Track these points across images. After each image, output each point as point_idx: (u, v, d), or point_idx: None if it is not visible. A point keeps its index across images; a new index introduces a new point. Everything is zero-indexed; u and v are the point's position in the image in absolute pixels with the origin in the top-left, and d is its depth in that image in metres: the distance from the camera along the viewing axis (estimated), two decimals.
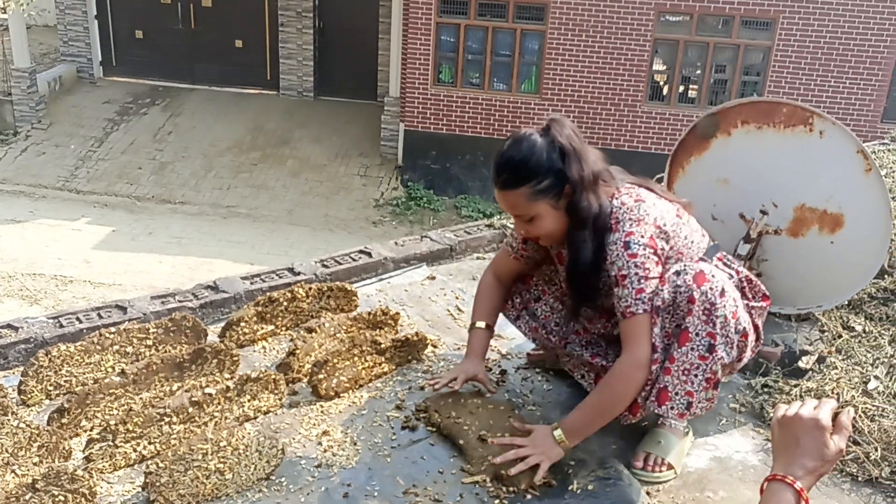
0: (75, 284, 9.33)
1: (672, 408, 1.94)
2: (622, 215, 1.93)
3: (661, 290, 1.91)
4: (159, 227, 11.47)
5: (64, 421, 2.01)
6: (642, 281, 1.89)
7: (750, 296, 2.10)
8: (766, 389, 2.40)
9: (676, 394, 1.93)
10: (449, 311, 2.83)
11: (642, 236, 1.90)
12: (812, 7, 11.78)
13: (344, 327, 2.49)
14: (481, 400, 2.18)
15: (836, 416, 1.44)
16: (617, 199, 1.97)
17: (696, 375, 1.91)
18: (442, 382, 2.20)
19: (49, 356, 2.18)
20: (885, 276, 2.80)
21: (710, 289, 1.87)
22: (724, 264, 2.10)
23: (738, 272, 2.11)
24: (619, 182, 2.02)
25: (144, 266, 10.10)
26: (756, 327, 2.07)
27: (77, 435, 2.02)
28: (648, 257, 1.90)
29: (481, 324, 2.28)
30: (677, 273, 1.91)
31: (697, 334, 1.89)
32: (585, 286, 2.03)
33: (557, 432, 1.93)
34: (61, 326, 2.43)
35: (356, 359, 2.32)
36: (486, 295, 2.32)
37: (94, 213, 11.81)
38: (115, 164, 13.23)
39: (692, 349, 1.89)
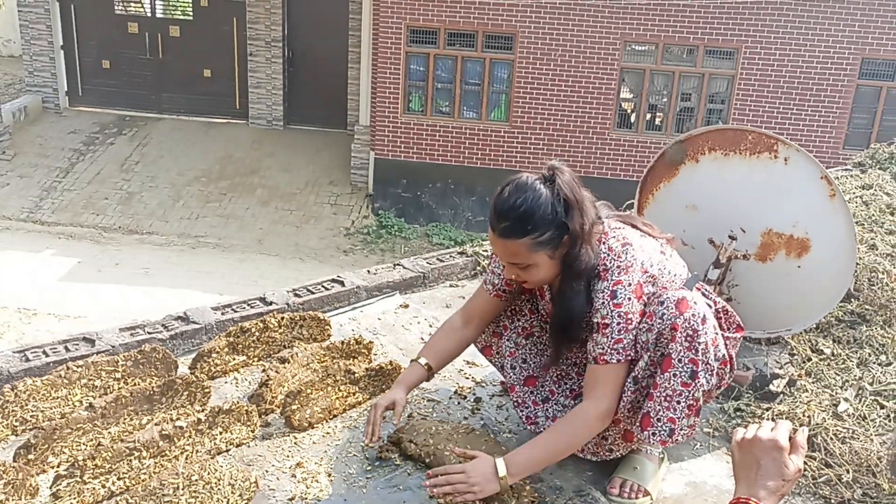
0: (40, 317, 9.15)
1: (654, 433, 1.94)
2: (610, 262, 1.92)
3: (647, 325, 1.91)
4: (126, 258, 11.31)
5: (31, 457, 1.96)
6: (622, 332, 1.89)
7: (725, 326, 2.11)
8: (738, 413, 2.42)
9: (659, 420, 1.93)
10: (423, 338, 2.82)
11: (630, 284, 1.90)
12: (773, 37, 12.06)
13: (317, 357, 2.47)
14: (451, 426, 2.16)
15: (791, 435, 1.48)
16: (604, 243, 1.95)
17: (678, 402, 1.91)
18: (371, 430, 2.06)
19: (15, 391, 2.13)
20: (852, 300, 2.85)
21: (693, 315, 1.88)
22: (703, 295, 2.12)
23: (715, 303, 2.13)
24: (605, 224, 2.00)
25: (110, 297, 9.95)
26: (730, 357, 2.09)
27: (44, 471, 1.97)
28: (633, 307, 1.90)
29: (423, 360, 2.18)
30: (660, 302, 1.91)
31: (680, 360, 1.89)
32: (572, 335, 2.00)
33: (501, 466, 1.88)
34: (27, 360, 2.38)
35: (330, 389, 2.30)
36: (444, 336, 2.24)
37: (59, 245, 11.63)
38: (81, 195, 13.06)
39: (675, 375, 1.90)
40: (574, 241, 1.92)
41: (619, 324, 1.90)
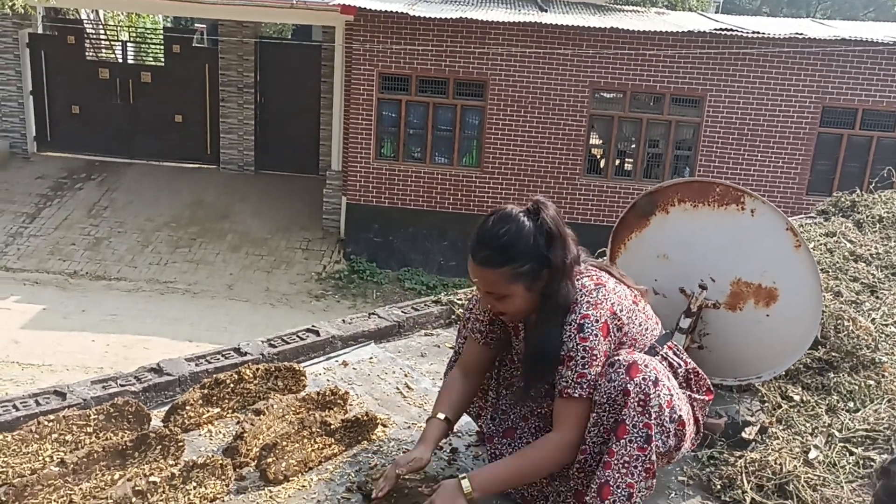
0: (3, 366, 8.97)
1: (614, 501, 1.93)
2: (581, 297, 1.95)
3: (600, 383, 1.93)
4: (93, 305, 11.15)
5: None
6: (587, 366, 1.92)
7: (695, 388, 2.13)
8: (711, 461, 2.44)
9: (618, 487, 1.92)
10: (398, 388, 2.82)
11: (597, 320, 1.93)
12: (736, 86, 12.40)
13: (292, 409, 2.46)
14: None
15: None
16: (578, 280, 1.99)
17: (636, 467, 1.92)
18: (382, 484, 2.05)
19: None
20: (819, 347, 2.90)
21: (644, 379, 1.90)
22: (674, 353, 2.14)
23: (685, 363, 2.15)
24: (583, 266, 2.04)
25: (76, 345, 9.78)
26: (696, 420, 2.11)
27: None
28: (598, 343, 1.92)
29: (440, 415, 2.18)
30: (611, 365, 1.93)
31: (635, 426, 1.90)
32: (543, 369, 2.01)
33: (465, 483, 1.91)
34: None
35: (305, 441, 2.28)
36: (450, 387, 2.25)
37: (24, 292, 11.45)
38: (48, 241, 12.91)
39: (630, 441, 1.90)
40: (554, 274, 1.95)
41: (583, 357, 1.92)
